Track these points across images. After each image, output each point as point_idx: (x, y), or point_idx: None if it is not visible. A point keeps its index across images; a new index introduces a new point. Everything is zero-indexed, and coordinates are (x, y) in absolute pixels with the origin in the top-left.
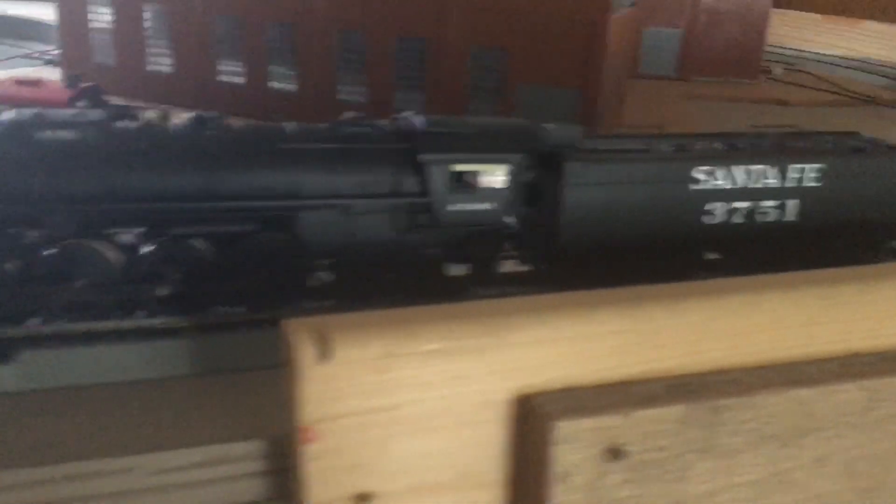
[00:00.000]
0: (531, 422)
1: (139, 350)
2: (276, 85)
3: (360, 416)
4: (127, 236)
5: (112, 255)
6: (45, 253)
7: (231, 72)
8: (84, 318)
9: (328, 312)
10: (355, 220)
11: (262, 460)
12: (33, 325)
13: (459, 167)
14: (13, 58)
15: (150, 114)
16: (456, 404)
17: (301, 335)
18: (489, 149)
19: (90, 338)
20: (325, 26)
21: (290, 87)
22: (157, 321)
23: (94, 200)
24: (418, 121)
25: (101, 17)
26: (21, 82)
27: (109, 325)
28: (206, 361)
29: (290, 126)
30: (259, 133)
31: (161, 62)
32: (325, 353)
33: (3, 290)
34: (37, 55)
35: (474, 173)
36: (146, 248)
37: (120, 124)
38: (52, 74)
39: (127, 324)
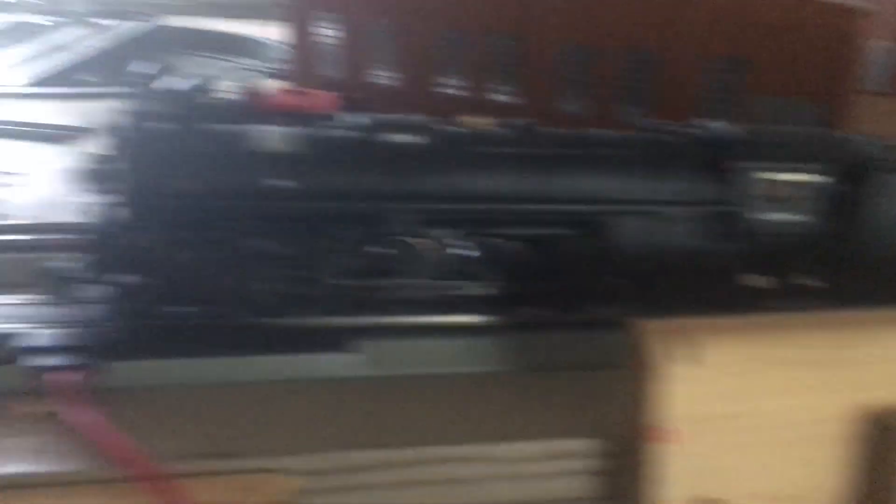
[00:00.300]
0: (888, 440)
1: (462, 345)
2: (498, 97)
3: (717, 420)
4: (448, 238)
5: (437, 254)
6: (378, 250)
7: (452, 85)
8: (414, 312)
9: (637, 316)
10: (664, 226)
11: (598, 458)
12: (370, 317)
13: (769, 176)
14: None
15: (471, 120)
16: (806, 415)
17: (668, 338)
18: (797, 158)
19: (421, 331)
20: (551, 40)
21: (513, 100)
22: (476, 318)
23: (428, 201)
24: (723, 129)
25: (328, 33)
26: (289, 92)
27: (435, 319)
28: (525, 359)
29: (596, 133)
30: (571, 139)
31: (384, 75)
32: (695, 356)
33: (343, 285)
34: (253, 68)
35: (783, 183)
36: (466, 250)
37: (449, 129)
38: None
39: (449, 319)
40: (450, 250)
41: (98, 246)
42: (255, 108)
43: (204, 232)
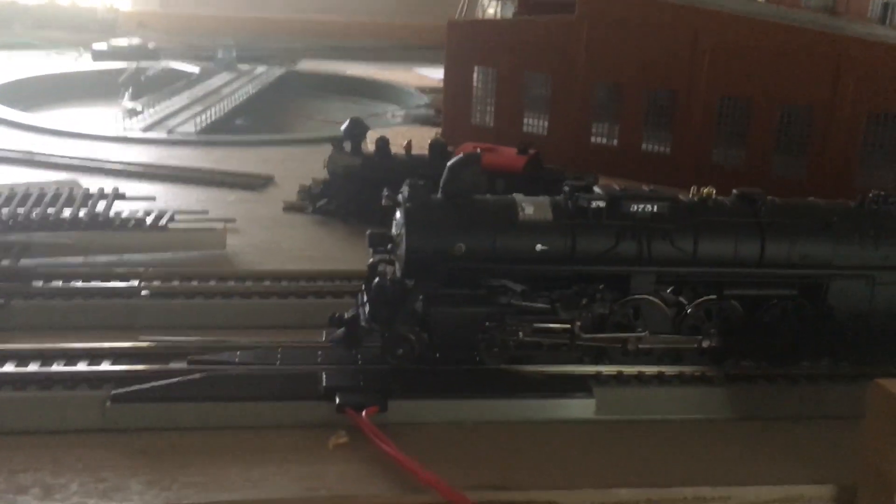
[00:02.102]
0: None
1: (689, 393)
2: (649, 147)
3: None
4: (673, 295)
5: (668, 310)
6: (620, 305)
7: (604, 133)
8: (644, 362)
9: (847, 373)
10: (876, 289)
11: (829, 503)
12: (606, 366)
13: None
14: (373, 115)
15: (705, 189)
16: None
17: None
18: None
19: (649, 380)
20: (707, 94)
21: (663, 149)
22: (699, 369)
23: (667, 264)
24: None
25: (480, 82)
26: (481, 148)
27: (664, 369)
28: (744, 407)
29: (817, 202)
30: (795, 209)
31: (536, 124)
32: None
33: (586, 337)
34: (398, 113)
35: None
36: (692, 307)
37: (684, 199)
38: (418, 133)
39: (675, 369)
40: (678, 308)
41: (379, 299)
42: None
43: (471, 289)
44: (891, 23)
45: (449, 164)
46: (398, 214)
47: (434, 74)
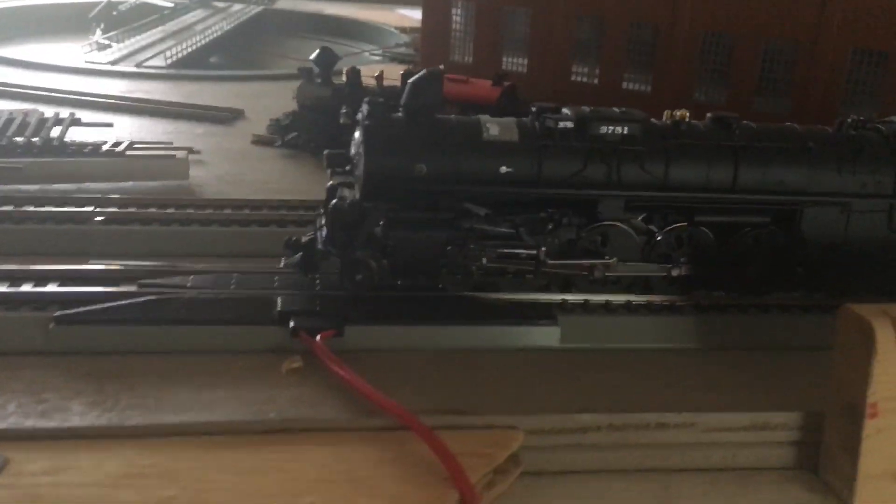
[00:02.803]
0: None
1: (657, 322)
2: (629, 86)
3: None
4: (643, 222)
5: (637, 237)
6: (587, 231)
7: (584, 73)
8: (612, 290)
9: (820, 303)
10: (852, 217)
11: (796, 431)
12: (572, 294)
13: None
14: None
15: (678, 112)
16: None
17: (880, 323)
18: None
19: (616, 308)
20: (689, 29)
21: (643, 88)
22: (668, 298)
23: (637, 188)
24: None
25: (459, 19)
26: (452, 79)
27: (632, 297)
28: (713, 338)
29: (792, 127)
30: (770, 134)
31: (514, 62)
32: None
33: (556, 264)
34: (376, 52)
35: None
36: (662, 234)
37: (656, 122)
38: (395, 69)
39: (643, 298)
40: (647, 235)
41: (336, 223)
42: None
43: (432, 213)
44: None
45: (410, 80)
46: (357, 133)
47: (415, 14)
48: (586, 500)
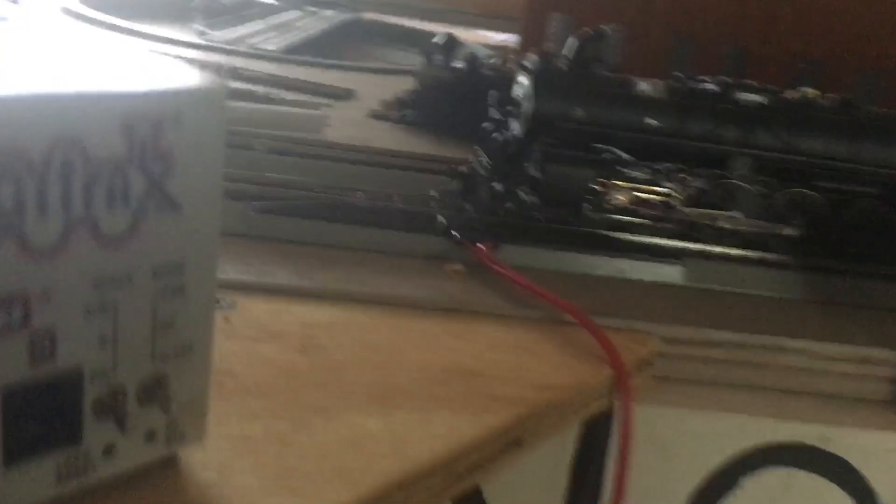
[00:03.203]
0: None
1: (770, 273)
2: None
3: None
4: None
5: (758, 196)
6: (716, 185)
7: None
8: (731, 243)
9: None
10: None
11: (893, 367)
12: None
13: None
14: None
15: (804, 90)
16: None
17: None
18: None
19: (734, 258)
20: (784, 56)
21: None
22: (781, 257)
23: (769, 150)
24: None
25: (558, 31)
26: None
27: (748, 253)
28: (821, 294)
29: None
30: (891, 117)
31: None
32: None
33: (683, 211)
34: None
35: None
36: (781, 195)
37: (786, 95)
38: None
39: (758, 254)
40: (767, 196)
41: (499, 155)
42: None
43: (584, 153)
44: None
45: (576, 36)
46: (522, 79)
47: (497, 37)
48: (709, 406)
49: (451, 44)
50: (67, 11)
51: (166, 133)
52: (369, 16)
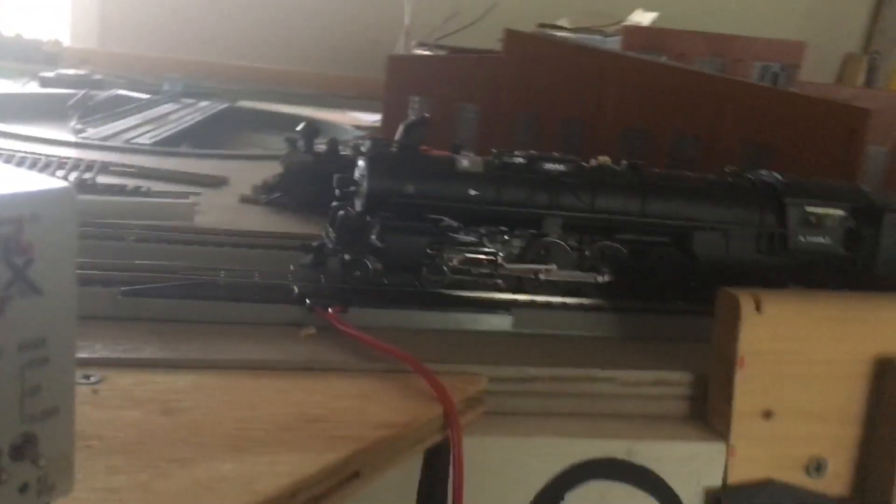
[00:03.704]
0: (888, 379)
1: (587, 316)
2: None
3: (772, 354)
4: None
5: (572, 251)
6: (534, 244)
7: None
8: (552, 292)
9: (707, 308)
10: (731, 242)
11: (687, 387)
12: (522, 295)
13: (810, 209)
14: None
15: (601, 157)
16: (837, 358)
17: (744, 297)
18: (831, 197)
19: (556, 305)
20: (613, 125)
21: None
22: (595, 301)
23: (571, 211)
24: (774, 176)
25: (417, 112)
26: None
27: (567, 299)
28: (629, 330)
29: (689, 174)
30: (670, 176)
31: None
32: (758, 306)
33: (507, 267)
34: None
35: (820, 215)
36: (590, 249)
37: (584, 164)
38: None
39: (576, 300)
40: (577, 249)
41: (344, 229)
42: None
43: (417, 223)
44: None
45: (403, 123)
46: (360, 162)
47: (367, 118)
48: (532, 433)
49: (312, 131)
50: None
51: (26, 230)
52: (243, 104)
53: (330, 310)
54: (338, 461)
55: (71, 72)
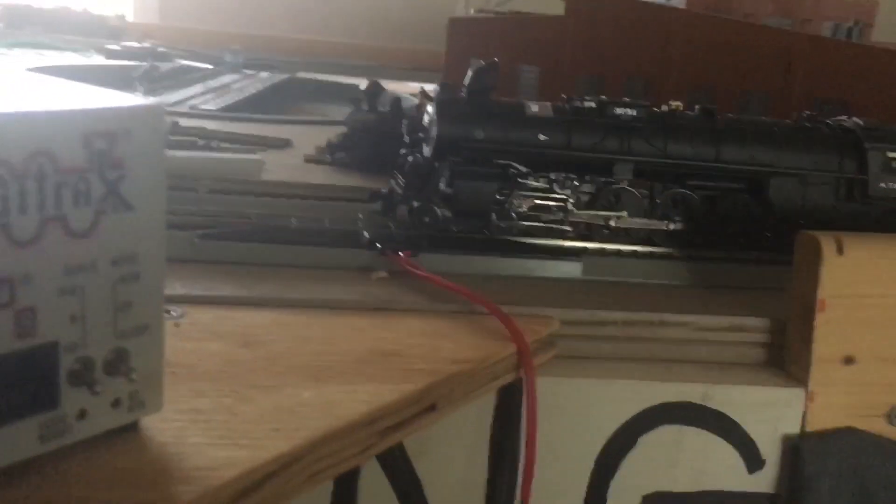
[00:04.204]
0: None
1: (658, 264)
2: None
3: (853, 298)
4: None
5: (641, 198)
6: (604, 190)
7: None
8: (622, 241)
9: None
10: (808, 189)
11: (763, 333)
12: (591, 242)
13: (892, 154)
14: None
15: (674, 103)
16: None
17: (826, 239)
18: None
19: (625, 253)
20: (678, 82)
21: None
22: (666, 250)
23: (646, 157)
24: (854, 121)
25: None
26: None
27: (638, 248)
28: (701, 279)
29: (765, 119)
30: (745, 121)
31: None
32: (840, 249)
33: (576, 214)
34: None
35: None
36: (661, 196)
37: (656, 109)
38: None
39: (647, 249)
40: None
41: (413, 175)
42: None
43: (486, 168)
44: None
45: (472, 69)
46: (429, 108)
47: (427, 87)
48: (605, 376)
49: (376, 90)
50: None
51: (119, 145)
52: (302, 75)
53: (401, 254)
54: (414, 392)
55: (135, 44)
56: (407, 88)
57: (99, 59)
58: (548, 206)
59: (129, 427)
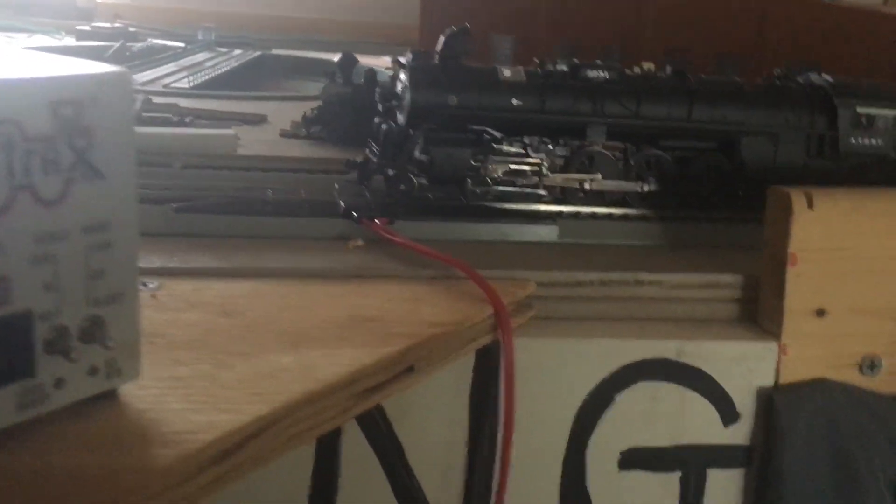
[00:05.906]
0: None
1: (633, 225)
2: None
3: (824, 251)
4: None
5: (616, 160)
6: (578, 153)
7: None
8: (597, 203)
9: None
10: (779, 147)
11: (736, 289)
12: (566, 206)
13: (862, 109)
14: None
15: (646, 64)
16: (891, 254)
17: (796, 194)
18: (883, 98)
19: (601, 216)
20: (653, 48)
21: None
22: (641, 211)
23: (619, 118)
24: (824, 78)
25: None
26: None
27: (613, 210)
28: (676, 239)
29: (736, 79)
30: (716, 81)
31: None
32: (810, 203)
33: (551, 177)
34: None
35: (872, 116)
36: (635, 157)
37: (628, 70)
38: None
39: (622, 210)
40: (623, 158)
41: (387, 143)
42: None
43: (460, 134)
44: None
45: (444, 34)
46: (402, 75)
47: (401, 60)
48: (581, 335)
49: (350, 61)
50: None
51: (87, 113)
52: (276, 52)
53: (377, 221)
54: (393, 355)
55: (106, 25)
56: (381, 62)
57: (70, 41)
58: (523, 170)
59: (108, 395)
